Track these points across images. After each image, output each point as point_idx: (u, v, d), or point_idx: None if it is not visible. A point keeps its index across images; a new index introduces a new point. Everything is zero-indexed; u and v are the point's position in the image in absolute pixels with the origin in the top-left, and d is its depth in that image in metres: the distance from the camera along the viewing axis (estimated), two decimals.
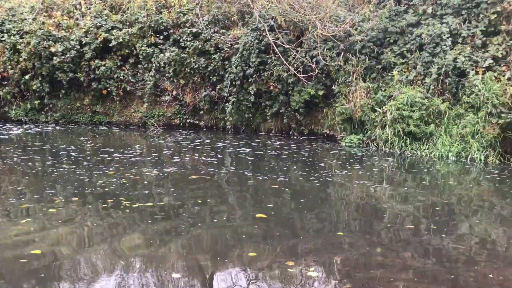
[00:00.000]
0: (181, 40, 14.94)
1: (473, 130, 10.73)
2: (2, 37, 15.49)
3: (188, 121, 15.42)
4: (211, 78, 14.65)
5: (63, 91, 15.65)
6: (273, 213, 6.10)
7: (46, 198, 6.47)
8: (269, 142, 12.87)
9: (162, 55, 14.93)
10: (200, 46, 14.58)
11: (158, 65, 15.05)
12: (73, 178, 7.65)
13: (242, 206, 6.70)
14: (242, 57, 13.85)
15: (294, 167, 9.45)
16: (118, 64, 15.50)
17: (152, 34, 15.19)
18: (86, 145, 11.38)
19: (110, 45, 15.27)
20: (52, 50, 15.02)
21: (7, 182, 7.48)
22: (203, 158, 10.20)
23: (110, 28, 15.43)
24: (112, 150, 10.69)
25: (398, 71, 12.15)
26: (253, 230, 5.44)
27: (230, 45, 14.37)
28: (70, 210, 5.98)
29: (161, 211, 6.04)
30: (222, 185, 7.91)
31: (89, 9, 16.05)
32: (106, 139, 12.96)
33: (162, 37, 15.23)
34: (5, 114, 15.97)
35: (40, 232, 5.13)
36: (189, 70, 14.77)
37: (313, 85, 13.20)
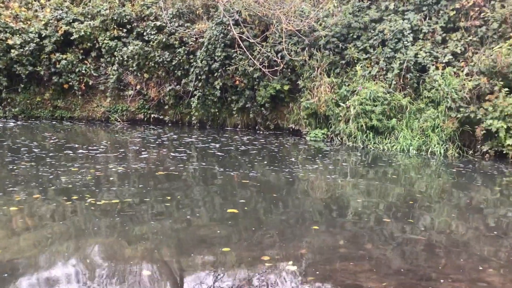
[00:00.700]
0: (145, 33, 14.74)
1: (433, 124, 11.07)
2: None
3: (152, 116, 15.26)
4: (176, 72, 14.52)
5: (22, 85, 15.21)
6: (246, 208, 6.15)
7: (7, 195, 6.28)
8: (237, 137, 12.88)
9: (125, 49, 14.68)
10: (164, 39, 14.42)
11: (122, 58, 14.81)
12: (35, 175, 7.46)
13: (213, 202, 6.70)
14: (208, 51, 13.78)
15: (265, 162, 9.51)
16: (80, 57, 15.18)
17: (115, 27, 14.92)
18: (51, 141, 11.10)
19: (72, 38, 14.93)
20: (9, 42, 14.54)
21: None
22: (172, 153, 10.12)
23: (71, 20, 15.07)
24: (76, 146, 10.46)
25: (361, 67, 12.38)
26: (225, 226, 5.46)
27: (195, 39, 14.27)
28: (32, 207, 5.83)
29: (128, 208, 5.97)
30: (192, 181, 7.89)
31: (48, 0, 15.61)
32: (69, 135, 12.66)
33: (125, 30, 14.99)
34: None
35: None
36: (153, 64, 14.59)
37: (278, 80, 13.28)
